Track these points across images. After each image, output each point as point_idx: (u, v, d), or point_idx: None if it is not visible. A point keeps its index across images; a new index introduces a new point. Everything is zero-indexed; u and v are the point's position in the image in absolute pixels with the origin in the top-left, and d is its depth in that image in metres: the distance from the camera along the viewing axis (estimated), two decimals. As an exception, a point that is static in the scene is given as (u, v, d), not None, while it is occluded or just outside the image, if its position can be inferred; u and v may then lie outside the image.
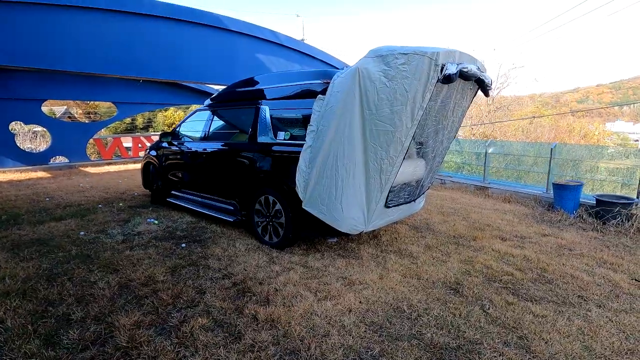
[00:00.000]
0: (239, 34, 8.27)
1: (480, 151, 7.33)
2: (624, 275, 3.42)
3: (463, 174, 8.28)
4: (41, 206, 6.13)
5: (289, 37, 8.86)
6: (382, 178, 3.39)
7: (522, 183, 6.98)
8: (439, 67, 2.96)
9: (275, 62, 8.86)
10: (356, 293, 2.97)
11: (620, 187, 5.68)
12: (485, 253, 3.94)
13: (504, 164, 7.24)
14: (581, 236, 4.58)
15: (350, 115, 3.30)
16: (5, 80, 9.49)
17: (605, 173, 5.88)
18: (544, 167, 6.42)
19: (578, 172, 6.16)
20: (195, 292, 3.00)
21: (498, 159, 7.33)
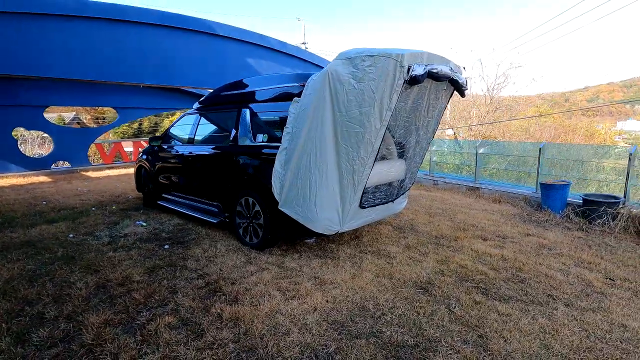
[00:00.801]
0: (228, 38, 8.41)
1: (471, 152, 7.31)
2: (599, 274, 3.40)
3: (462, 175, 8.24)
4: (37, 209, 6.29)
5: (279, 40, 8.98)
6: (355, 179, 3.43)
7: (513, 183, 6.93)
8: (404, 69, 3.00)
9: (265, 65, 8.98)
10: (325, 292, 3.01)
11: (614, 187, 5.61)
12: (463, 253, 3.94)
13: (495, 164, 7.21)
14: (565, 236, 4.55)
15: (322, 117, 3.35)
16: (7, 88, 9.75)
17: (598, 173, 5.82)
18: (534, 167, 6.38)
19: (569, 172, 6.11)
20: (168, 292, 3.06)
21: (493, 160, 7.29)
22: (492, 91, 13.27)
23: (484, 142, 7.42)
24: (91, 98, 11.23)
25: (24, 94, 10.06)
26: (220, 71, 8.72)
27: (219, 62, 8.74)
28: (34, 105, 10.45)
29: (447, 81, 3.63)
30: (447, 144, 9.02)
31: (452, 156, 8.51)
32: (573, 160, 5.95)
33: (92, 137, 12.01)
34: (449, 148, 8.65)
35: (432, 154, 8.28)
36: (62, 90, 10.58)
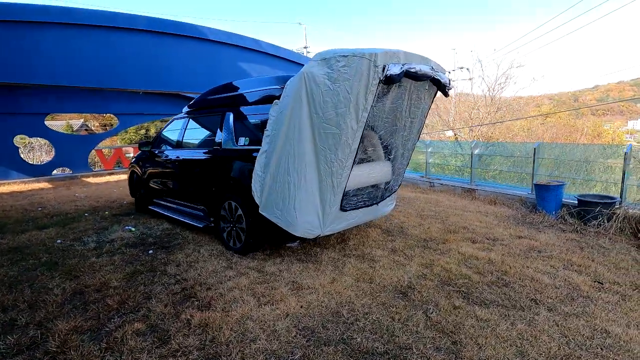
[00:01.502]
0: (221, 43, 8.46)
1: (467, 152, 7.19)
2: (587, 277, 3.28)
3: (462, 176, 8.09)
4: (31, 215, 6.33)
5: (272, 44, 9.00)
6: (334, 181, 3.37)
7: (509, 184, 6.80)
8: (379, 68, 2.94)
9: (258, 69, 9.00)
10: (300, 298, 2.94)
11: (611, 187, 5.46)
12: (450, 256, 3.84)
13: (490, 165, 7.08)
14: (558, 238, 4.42)
15: (299, 119, 3.30)
16: (8, 96, 9.91)
17: (594, 173, 5.67)
18: (530, 168, 6.24)
19: (565, 172, 5.96)
20: (143, 298, 3.03)
21: (489, 161, 7.16)
22: (493, 91, 13.12)
23: (478, 143, 7.29)
24: (91, 105, 11.35)
25: (25, 101, 10.21)
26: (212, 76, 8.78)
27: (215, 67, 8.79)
28: (35, 113, 10.60)
29: (428, 81, 3.57)
30: (448, 145, 8.90)
31: (454, 158, 8.36)
32: (568, 160, 5.81)
33: (92, 144, 12.13)
34: (450, 150, 8.50)
35: (427, 155, 8.18)
36: (63, 97, 10.72)
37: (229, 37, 8.40)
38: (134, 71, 9.94)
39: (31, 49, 9.26)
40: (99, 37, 9.46)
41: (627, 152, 4.75)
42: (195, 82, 8.63)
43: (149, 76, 9.49)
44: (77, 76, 10.12)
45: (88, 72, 10.06)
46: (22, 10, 8.80)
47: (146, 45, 9.06)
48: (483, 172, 7.36)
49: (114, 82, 10.27)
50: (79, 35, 8.09)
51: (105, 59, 9.42)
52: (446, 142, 10.58)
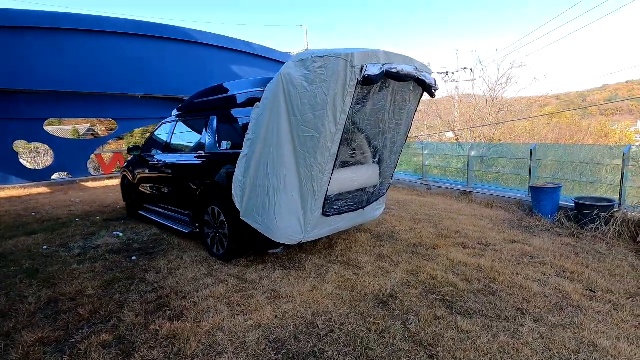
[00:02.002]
0: (211, 46, 8.44)
1: (463, 154, 7.03)
2: (579, 285, 3.13)
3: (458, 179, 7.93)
4: (23, 221, 6.32)
5: (264, 46, 8.95)
6: (314, 185, 3.27)
7: (506, 187, 6.63)
8: (356, 69, 2.84)
9: (250, 72, 8.96)
10: (276, 307, 2.84)
11: (608, 189, 5.28)
12: (438, 262, 3.71)
13: (493, 166, 6.91)
14: (552, 242, 4.26)
15: (278, 122, 3.21)
16: (8, 101, 9.98)
17: (594, 174, 5.49)
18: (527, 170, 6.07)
19: (568, 174, 5.79)
20: (116, 307, 2.95)
21: (485, 163, 7.00)
22: (494, 92, 12.91)
23: (475, 144, 7.13)
24: (90, 109, 11.40)
25: (24, 107, 10.27)
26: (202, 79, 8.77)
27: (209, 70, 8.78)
28: (35, 118, 10.66)
29: (412, 81, 3.46)
30: (445, 147, 8.75)
31: (451, 160, 8.20)
32: (565, 162, 5.64)
33: (91, 149, 12.18)
34: (446, 151, 8.35)
35: (424, 157, 8.04)
36: (62, 102, 10.76)
37: (217, 40, 8.39)
38: (131, 76, 9.96)
39: (29, 55, 9.33)
40: (96, 42, 9.51)
41: (626, 153, 4.57)
42: (192, 85, 8.64)
43: (147, 80, 9.50)
44: (75, 82, 10.17)
45: (86, 78, 10.11)
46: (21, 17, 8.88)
47: (144, 50, 9.08)
48: (485, 174, 7.19)
49: (111, 87, 10.31)
50: (76, 41, 8.12)
51: (102, 65, 9.45)
52: (444, 143, 10.42)
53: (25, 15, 8.64)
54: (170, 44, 8.50)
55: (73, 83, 10.09)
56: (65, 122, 31.41)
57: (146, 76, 9.14)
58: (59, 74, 9.71)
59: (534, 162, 5.71)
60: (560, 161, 5.74)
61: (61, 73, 9.72)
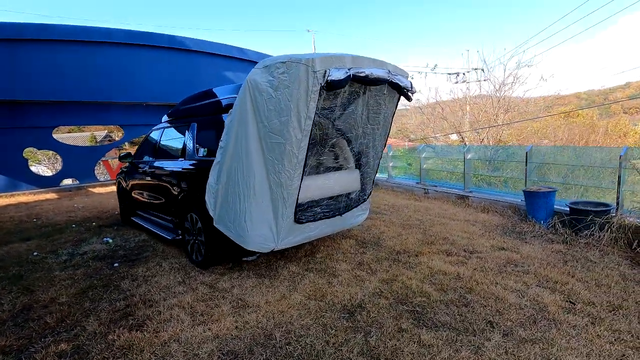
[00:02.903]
0: (202, 53, 8.52)
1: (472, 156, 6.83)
2: (560, 296, 2.96)
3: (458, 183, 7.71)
4: (23, 227, 6.49)
5: (257, 52, 8.99)
6: (284, 192, 3.22)
7: (504, 191, 6.41)
8: (318, 74, 2.79)
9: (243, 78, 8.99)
10: (239, 317, 2.79)
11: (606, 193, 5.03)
12: (417, 271, 3.59)
13: (485, 169, 6.71)
14: (542, 249, 4.08)
15: (246, 129, 3.19)
16: (18, 111, 10.34)
17: (592, 178, 5.25)
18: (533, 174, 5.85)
19: (563, 178, 5.56)
20: (83, 315, 2.96)
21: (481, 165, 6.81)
22: (501, 92, 12.58)
23: (472, 147, 6.94)
24: (97, 117, 11.69)
25: (33, 116, 10.61)
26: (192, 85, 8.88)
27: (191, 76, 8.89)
28: (44, 127, 11.00)
29: (386, 85, 3.37)
30: (443, 150, 8.56)
31: (453, 163, 7.96)
32: (563, 165, 5.40)
33: (99, 155, 12.47)
34: (444, 154, 8.15)
35: (422, 161, 7.88)
36: (69, 111, 11.07)
37: (210, 47, 8.50)
38: (134, 85, 10.17)
39: (35, 67, 9.64)
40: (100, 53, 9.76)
41: (622, 155, 4.34)
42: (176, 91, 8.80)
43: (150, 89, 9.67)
44: (80, 91, 10.46)
45: (90, 87, 10.38)
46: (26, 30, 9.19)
47: (146, 59, 9.26)
48: (483, 178, 6.98)
49: (116, 96, 10.55)
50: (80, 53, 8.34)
51: (106, 74, 9.68)
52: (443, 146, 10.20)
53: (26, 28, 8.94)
54: (172, 54, 8.68)
55: (78, 92, 10.38)
56: (84, 129, 32.39)
57: (150, 84, 9.32)
58: (64, 84, 10.00)
59: (529, 165, 5.50)
60: (557, 164, 5.51)
61: (66, 83, 10.01)
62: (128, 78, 9.16)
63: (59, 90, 10.15)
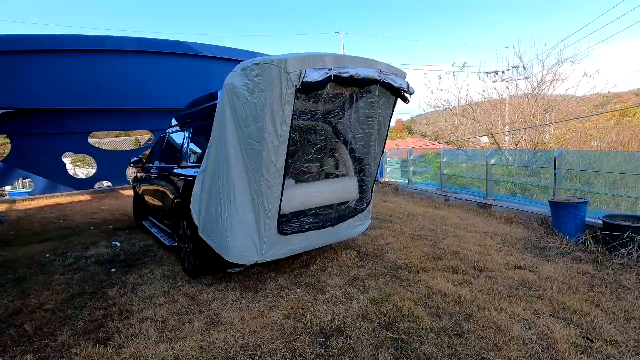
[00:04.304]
0: (214, 58, 8.55)
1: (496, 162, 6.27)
2: (576, 330, 2.50)
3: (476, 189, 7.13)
4: (48, 228, 6.84)
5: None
6: (265, 202, 3.03)
7: (532, 199, 5.79)
8: (292, 75, 2.57)
9: None
10: (207, 336, 2.63)
11: None
12: (414, 290, 3.25)
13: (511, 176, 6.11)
14: (567, 270, 3.55)
15: (225, 135, 3.04)
16: (57, 118, 11.05)
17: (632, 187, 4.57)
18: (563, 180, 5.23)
19: (603, 188, 4.89)
20: (60, 325, 2.94)
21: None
22: (539, 90, 11.59)
23: (494, 151, 6.35)
24: (128, 123, 12.26)
25: (70, 122, 11.31)
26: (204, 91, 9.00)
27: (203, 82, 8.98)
28: (80, 132, 11.70)
29: (378, 87, 3.09)
30: (467, 155, 7.98)
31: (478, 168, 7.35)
32: (601, 173, 4.75)
33: (130, 159, 13.03)
34: (472, 159, 7.56)
35: (443, 166, 7.37)
36: (103, 117, 11.70)
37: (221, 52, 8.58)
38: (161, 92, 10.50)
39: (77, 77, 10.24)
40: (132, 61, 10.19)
41: (669, 162, 3.70)
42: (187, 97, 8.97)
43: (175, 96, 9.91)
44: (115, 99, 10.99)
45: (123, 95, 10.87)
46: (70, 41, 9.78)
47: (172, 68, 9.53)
48: (508, 185, 6.38)
49: (144, 103, 10.95)
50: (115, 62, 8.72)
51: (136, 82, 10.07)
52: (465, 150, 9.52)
53: (67, 39, 9.51)
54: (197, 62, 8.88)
55: (111, 100, 10.91)
56: (130, 133, 34.42)
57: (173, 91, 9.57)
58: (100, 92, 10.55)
59: (558, 172, 4.89)
60: (592, 171, 4.86)
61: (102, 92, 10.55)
62: (153, 85, 9.48)
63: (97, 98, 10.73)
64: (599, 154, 6.26)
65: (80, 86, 10.34)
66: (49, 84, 9.79)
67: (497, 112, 13.46)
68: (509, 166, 6.11)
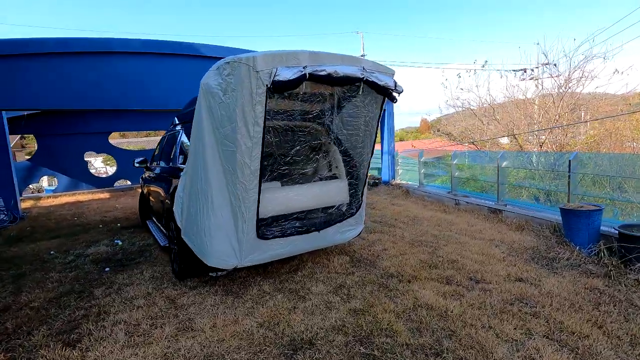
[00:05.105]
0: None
1: (508, 164, 5.91)
2: (571, 355, 2.24)
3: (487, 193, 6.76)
4: (61, 225, 7.09)
5: None
6: (242, 205, 2.94)
7: (546, 205, 5.38)
8: (261, 74, 2.46)
9: None
10: (174, 343, 2.56)
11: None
12: (398, 301, 3.06)
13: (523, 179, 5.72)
14: (573, 284, 3.24)
15: (202, 136, 2.97)
16: (79, 119, 11.49)
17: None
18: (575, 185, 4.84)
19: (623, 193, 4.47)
20: (39, 324, 2.97)
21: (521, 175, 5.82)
22: (566, 88, 10.88)
23: (507, 153, 5.96)
24: (146, 123, 12.59)
25: (92, 123, 11.73)
26: None
27: None
28: (101, 132, 12.11)
29: (362, 85, 2.92)
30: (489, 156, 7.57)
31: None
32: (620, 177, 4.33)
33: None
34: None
35: (453, 168, 7.03)
36: (122, 118, 12.05)
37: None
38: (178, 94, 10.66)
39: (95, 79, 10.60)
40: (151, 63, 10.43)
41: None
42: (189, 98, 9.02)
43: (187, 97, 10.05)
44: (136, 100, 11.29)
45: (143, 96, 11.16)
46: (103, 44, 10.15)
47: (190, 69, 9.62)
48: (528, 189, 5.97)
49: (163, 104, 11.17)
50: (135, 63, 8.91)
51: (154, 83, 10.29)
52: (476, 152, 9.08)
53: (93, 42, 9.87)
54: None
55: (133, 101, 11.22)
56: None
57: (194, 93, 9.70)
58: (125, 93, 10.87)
59: (573, 176, 4.51)
60: (609, 176, 4.44)
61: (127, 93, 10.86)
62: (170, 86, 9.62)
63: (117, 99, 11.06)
64: (627, 157, 5.76)
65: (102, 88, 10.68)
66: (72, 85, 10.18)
67: (521, 112, 12.80)
68: (530, 169, 5.72)
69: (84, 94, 9.61)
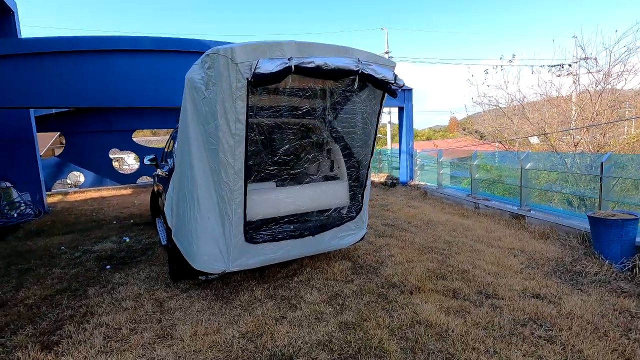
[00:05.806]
0: None
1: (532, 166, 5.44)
2: (586, 393, 1.90)
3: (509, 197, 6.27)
4: (79, 220, 7.27)
5: None
6: (227, 207, 2.78)
7: (574, 212, 4.88)
8: (240, 66, 2.28)
9: None
10: (150, 351, 2.43)
11: None
12: (395, 315, 2.79)
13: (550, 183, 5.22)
14: (600, 305, 2.84)
15: (187, 133, 2.84)
16: (105, 117, 11.87)
17: None
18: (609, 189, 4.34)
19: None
20: (27, 322, 2.94)
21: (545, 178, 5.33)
22: (605, 84, 10.00)
23: (531, 153, 5.45)
24: (168, 121, 12.80)
25: (117, 121, 12.09)
26: None
27: None
28: (125, 130, 12.46)
29: (357, 78, 2.67)
30: (501, 157, 7.07)
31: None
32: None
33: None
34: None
35: (473, 169, 6.58)
36: (145, 116, 12.34)
37: None
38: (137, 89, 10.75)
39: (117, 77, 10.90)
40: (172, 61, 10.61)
41: None
42: None
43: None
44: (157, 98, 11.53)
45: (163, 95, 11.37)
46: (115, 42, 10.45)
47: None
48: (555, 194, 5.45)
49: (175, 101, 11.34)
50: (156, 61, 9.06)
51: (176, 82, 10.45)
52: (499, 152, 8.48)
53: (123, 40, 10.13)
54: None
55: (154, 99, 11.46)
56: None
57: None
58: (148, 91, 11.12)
59: (605, 180, 4.02)
60: None
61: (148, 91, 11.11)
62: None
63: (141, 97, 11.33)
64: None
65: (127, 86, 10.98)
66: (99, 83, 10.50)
67: (554, 110, 11.95)
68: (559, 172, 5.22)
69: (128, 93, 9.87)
